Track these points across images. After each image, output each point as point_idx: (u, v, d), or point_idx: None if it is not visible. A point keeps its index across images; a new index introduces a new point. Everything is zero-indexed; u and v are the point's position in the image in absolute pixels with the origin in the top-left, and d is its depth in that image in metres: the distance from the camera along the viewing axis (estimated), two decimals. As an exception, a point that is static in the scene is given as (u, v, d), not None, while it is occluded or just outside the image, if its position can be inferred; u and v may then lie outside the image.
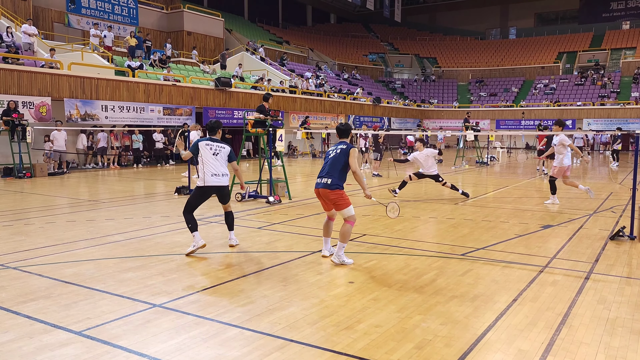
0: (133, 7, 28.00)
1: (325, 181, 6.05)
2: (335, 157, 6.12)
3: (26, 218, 9.23)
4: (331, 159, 6.14)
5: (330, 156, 6.18)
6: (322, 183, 6.09)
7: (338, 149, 6.17)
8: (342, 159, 6.08)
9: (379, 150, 17.74)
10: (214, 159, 6.71)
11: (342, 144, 6.24)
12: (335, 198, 6.02)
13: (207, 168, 6.67)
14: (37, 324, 4.25)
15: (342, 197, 6.02)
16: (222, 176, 6.75)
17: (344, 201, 6.03)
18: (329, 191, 6.01)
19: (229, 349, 3.81)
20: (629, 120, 37.90)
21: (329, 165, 6.13)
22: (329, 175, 6.05)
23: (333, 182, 6.00)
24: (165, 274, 5.73)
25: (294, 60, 42.67)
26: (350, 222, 6.06)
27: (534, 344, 3.92)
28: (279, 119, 11.53)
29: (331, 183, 6.00)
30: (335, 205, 6.08)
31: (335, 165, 6.06)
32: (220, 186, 6.76)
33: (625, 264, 6.26)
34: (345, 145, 6.18)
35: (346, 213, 6.05)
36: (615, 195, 12.66)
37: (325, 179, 6.06)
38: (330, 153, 6.23)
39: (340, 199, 6.02)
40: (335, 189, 6.00)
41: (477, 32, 58.15)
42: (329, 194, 6.03)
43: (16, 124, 15.96)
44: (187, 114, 23.36)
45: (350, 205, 6.07)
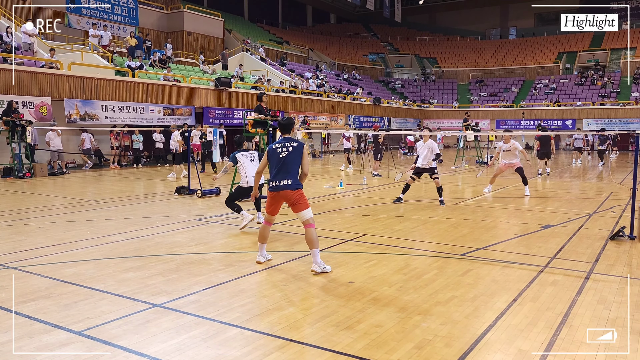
0: (133, 7, 27.99)
1: (285, 182, 5.80)
2: (289, 156, 5.85)
3: (26, 218, 9.23)
4: (284, 159, 5.84)
5: (282, 156, 5.85)
6: (280, 185, 5.80)
7: (289, 147, 5.88)
8: (297, 157, 5.87)
9: (379, 151, 17.74)
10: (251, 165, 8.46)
11: (290, 140, 5.95)
12: (297, 198, 5.81)
13: (248, 172, 8.38)
14: (37, 324, 4.25)
15: (303, 197, 5.85)
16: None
17: (304, 201, 5.84)
18: (291, 192, 5.78)
19: (229, 349, 3.81)
20: (628, 120, 37.91)
21: (285, 165, 5.83)
22: (289, 175, 5.81)
23: (293, 182, 5.81)
24: (165, 274, 5.73)
25: (294, 60, 42.67)
26: (312, 224, 5.82)
27: (534, 344, 3.92)
28: (279, 119, 11.53)
29: (292, 183, 5.79)
30: (296, 206, 5.83)
31: (291, 166, 5.84)
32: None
33: (625, 264, 6.26)
34: (297, 144, 5.93)
35: (306, 214, 5.82)
36: (615, 195, 12.66)
37: (284, 181, 5.80)
38: (280, 153, 5.87)
39: (302, 199, 5.83)
40: (297, 189, 5.82)
41: (477, 32, 58.15)
42: (291, 194, 5.79)
43: (16, 124, 15.96)
44: (187, 114, 23.36)
45: (309, 207, 5.89)
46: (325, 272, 5.78)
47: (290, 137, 6.07)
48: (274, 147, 5.96)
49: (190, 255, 6.61)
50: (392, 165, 20.72)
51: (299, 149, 5.90)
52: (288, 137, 6.05)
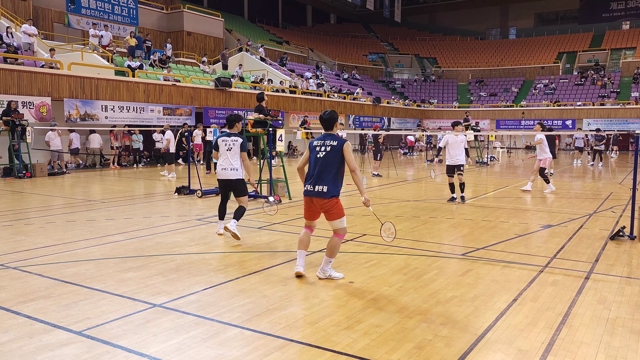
0: (133, 7, 28.00)
1: (320, 189, 5.23)
2: (327, 157, 5.28)
3: (26, 218, 9.23)
4: (321, 160, 5.29)
5: (320, 157, 5.30)
6: (315, 191, 5.27)
7: (327, 146, 5.30)
8: (335, 159, 5.25)
9: (379, 151, 17.75)
10: (225, 154, 7.17)
11: (330, 138, 5.38)
12: (330, 207, 5.27)
13: (219, 162, 7.19)
14: (37, 323, 4.25)
15: (337, 206, 5.29)
16: (230, 170, 6.96)
17: (338, 210, 5.30)
18: (324, 200, 5.25)
19: (229, 348, 3.81)
20: (628, 120, 37.91)
21: (319, 168, 5.27)
22: (323, 181, 5.24)
23: (329, 189, 5.21)
24: (165, 273, 5.73)
25: (294, 60, 42.66)
26: (341, 235, 5.38)
27: (534, 344, 3.92)
28: (279, 119, 11.54)
29: (327, 191, 5.21)
30: (328, 215, 5.32)
31: (329, 168, 5.24)
32: (228, 179, 7.03)
33: (626, 264, 6.26)
34: (336, 141, 5.30)
35: (338, 224, 5.34)
36: (615, 195, 12.66)
37: (319, 187, 5.24)
38: (318, 152, 5.34)
39: (335, 208, 5.28)
40: (332, 198, 5.24)
41: (477, 32, 58.17)
42: (324, 203, 5.27)
43: (16, 124, 15.96)
44: (187, 114, 23.36)
45: (344, 216, 5.37)
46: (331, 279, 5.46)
47: (332, 133, 5.46)
48: (314, 144, 5.43)
49: (190, 255, 6.60)
50: (392, 166, 20.71)
51: (338, 148, 5.26)
52: (329, 133, 5.47)
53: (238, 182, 7.19)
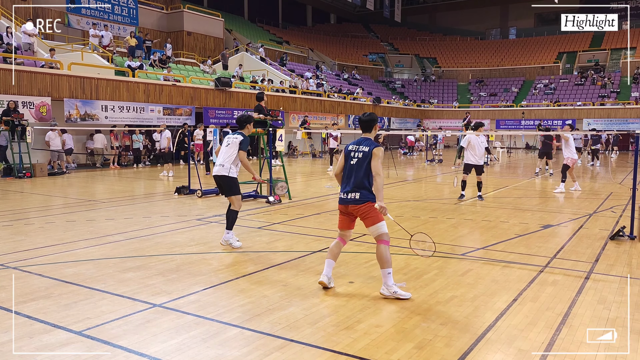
0: (133, 7, 28.00)
1: (353, 196, 5.04)
2: (359, 163, 5.07)
3: (26, 218, 9.23)
4: (355, 167, 5.09)
5: (353, 163, 5.12)
6: (348, 199, 5.08)
7: (360, 152, 5.09)
8: (368, 165, 5.03)
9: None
10: (222, 150, 6.98)
11: (365, 143, 5.14)
12: (366, 210, 5.02)
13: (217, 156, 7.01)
14: (37, 324, 4.25)
15: (372, 210, 5.01)
16: (221, 166, 6.82)
17: (376, 214, 5.01)
18: (357, 206, 5.05)
19: (229, 348, 3.81)
20: (628, 120, 37.91)
21: (353, 176, 5.09)
22: (356, 187, 5.05)
23: (362, 195, 5.03)
24: (165, 273, 5.73)
25: (294, 60, 42.65)
26: (384, 241, 5.01)
27: (534, 344, 3.92)
28: (278, 119, 11.54)
29: (359, 197, 5.03)
30: (365, 221, 5.07)
31: (360, 174, 5.05)
32: (214, 175, 6.91)
33: (626, 264, 6.26)
34: (368, 147, 5.09)
35: (378, 229, 5.03)
36: (615, 195, 12.66)
37: (352, 194, 5.05)
38: (352, 158, 5.15)
39: (370, 213, 5.01)
40: (366, 202, 5.03)
41: (477, 32, 58.14)
42: (357, 209, 5.07)
43: (16, 124, 15.96)
44: (187, 114, 23.36)
45: (382, 220, 5.04)
46: (400, 299, 4.93)
47: (368, 138, 5.20)
48: (349, 148, 5.21)
49: (190, 255, 6.60)
50: (392, 166, 20.70)
51: (368, 154, 5.04)
52: (366, 137, 5.22)
53: (222, 179, 6.87)
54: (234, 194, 6.90)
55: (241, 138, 6.98)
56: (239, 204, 6.91)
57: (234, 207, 6.91)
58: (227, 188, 6.90)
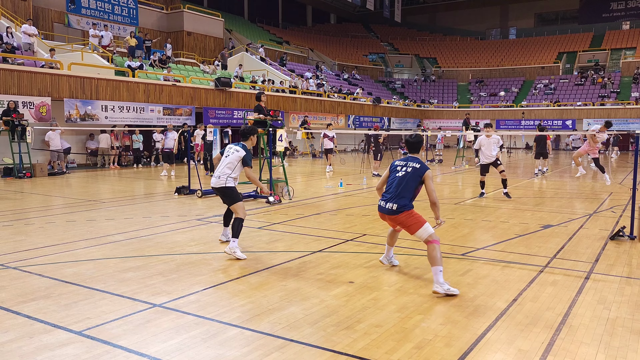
0: (133, 8, 28.00)
1: (390, 207, 5.30)
2: (406, 177, 5.35)
3: (26, 218, 9.23)
4: (400, 179, 5.38)
5: (399, 175, 5.40)
6: (386, 209, 5.35)
7: (409, 168, 5.38)
8: (414, 181, 5.33)
9: (379, 151, 17.75)
10: (222, 161, 6.89)
11: (414, 161, 5.45)
12: (404, 219, 5.27)
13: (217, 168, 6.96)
14: (37, 323, 4.25)
15: (411, 218, 5.25)
16: (217, 177, 6.72)
17: (415, 221, 5.24)
18: (394, 217, 5.33)
19: (229, 348, 3.81)
20: (628, 121, 37.91)
21: (395, 186, 5.36)
22: (397, 198, 5.29)
23: (399, 206, 5.26)
24: (165, 273, 5.73)
25: (294, 60, 42.66)
26: (432, 241, 5.17)
27: (534, 344, 3.92)
28: (279, 119, 11.55)
29: (396, 208, 5.27)
30: (407, 228, 5.31)
31: (406, 188, 5.31)
32: (213, 187, 6.82)
33: (625, 264, 6.26)
34: (419, 165, 5.36)
35: (422, 234, 5.23)
36: (615, 195, 12.66)
37: (391, 204, 5.30)
38: (399, 171, 5.43)
39: (410, 218, 5.25)
40: (403, 211, 5.26)
41: (477, 32, 58.15)
42: (395, 218, 5.35)
43: (16, 124, 15.96)
44: (187, 114, 23.36)
45: (425, 223, 5.25)
46: (450, 295, 5.00)
47: (416, 157, 5.56)
48: (396, 164, 5.59)
49: (190, 255, 6.61)
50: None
51: (420, 173, 5.35)
52: (414, 156, 5.56)
53: (221, 190, 6.75)
54: (235, 202, 6.75)
55: (243, 153, 6.79)
56: (243, 212, 6.72)
57: (237, 215, 6.70)
58: (228, 198, 6.80)
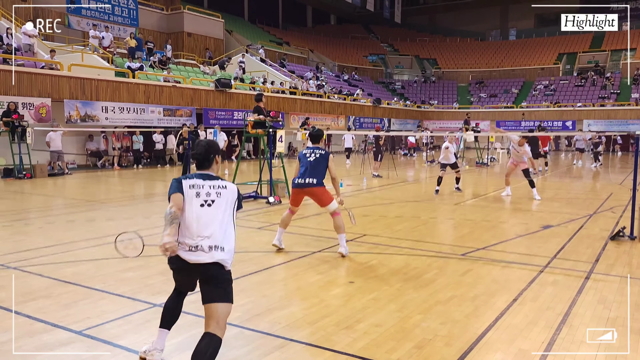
0: (133, 9, 28.01)
1: (310, 181, 6.55)
2: (317, 160, 6.66)
3: (26, 218, 9.23)
4: (314, 161, 6.64)
5: (310, 159, 6.65)
6: (306, 183, 6.57)
7: (317, 154, 6.69)
8: (324, 163, 6.66)
9: (379, 152, 17.75)
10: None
11: (318, 149, 6.76)
12: (320, 192, 6.58)
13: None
14: (37, 323, 4.25)
15: (326, 192, 6.61)
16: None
17: (328, 196, 6.60)
18: (315, 188, 6.55)
19: (229, 348, 3.81)
20: (629, 122, 37.90)
21: (311, 167, 6.61)
22: (313, 175, 6.57)
23: (318, 181, 6.57)
24: (166, 273, 5.71)
25: (294, 61, 42.66)
26: (338, 213, 6.59)
27: (534, 344, 3.92)
28: (279, 120, 11.55)
29: (317, 182, 6.56)
30: (320, 199, 6.61)
31: (318, 168, 6.61)
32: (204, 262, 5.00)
33: (626, 264, 6.26)
34: (324, 152, 6.75)
35: (332, 207, 6.58)
36: (615, 195, 12.65)
37: (310, 179, 6.56)
38: (309, 157, 6.68)
39: (325, 193, 6.60)
40: (321, 186, 6.59)
41: (477, 33, 58.13)
42: (315, 190, 6.57)
43: (16, 125, 15.97)
44: (187, 115, 23.36)
45: (333, 199, 6.61)
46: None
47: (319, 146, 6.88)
48: (304, 152, 6.88)
49: (190, 255, 6.59)
50: (392, 166, 20.70)
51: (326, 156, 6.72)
52: (317, 146, 6.85)
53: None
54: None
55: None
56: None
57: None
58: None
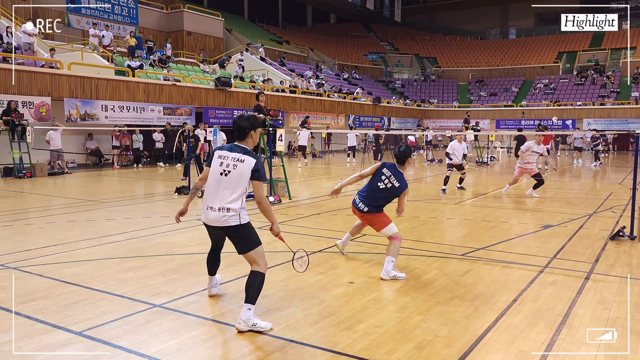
0: (133, 7, 27.98)
1: (362, 207, 5.94)
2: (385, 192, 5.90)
3: (26, 218, 9.23)
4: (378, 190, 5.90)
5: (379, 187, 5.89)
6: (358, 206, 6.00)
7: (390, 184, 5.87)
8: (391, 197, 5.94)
9: (379, 150, 17.75)
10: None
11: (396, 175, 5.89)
12: (371, 219, 5.92)
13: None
14: (37, 324, 4.25)
15: (377, 217, 5.89)
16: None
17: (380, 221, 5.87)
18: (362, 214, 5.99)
19: (229, 349, 3.81)
20: (628, 120, 37.90)
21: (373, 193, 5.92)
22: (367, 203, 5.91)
23: (369, 210, 5.89)
24: (166, 274, 5.73)
25: (294, 60, 42.65)
26: (397, 239, 5.80)
27: (534, 344, 3.92)
28: (279, 118, 11.55)
29: (368, 211, 5.91)
30: (373, 227, 5.97)
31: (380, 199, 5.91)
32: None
33: (626, 264, 6.26)
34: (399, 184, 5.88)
35: (387, 232, 5.85)
36: (615, 195, 12.65)
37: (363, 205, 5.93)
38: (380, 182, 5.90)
39: (376, 219, 5.89)
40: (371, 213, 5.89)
41: (477, 32, 58.10)
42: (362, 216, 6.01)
43: (16, 124, 15.96)
44: (187, 114, 23.36)
45: (390, 222, 5.85)
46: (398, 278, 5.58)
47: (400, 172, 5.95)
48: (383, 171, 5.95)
49: (190, 255, 6.61)
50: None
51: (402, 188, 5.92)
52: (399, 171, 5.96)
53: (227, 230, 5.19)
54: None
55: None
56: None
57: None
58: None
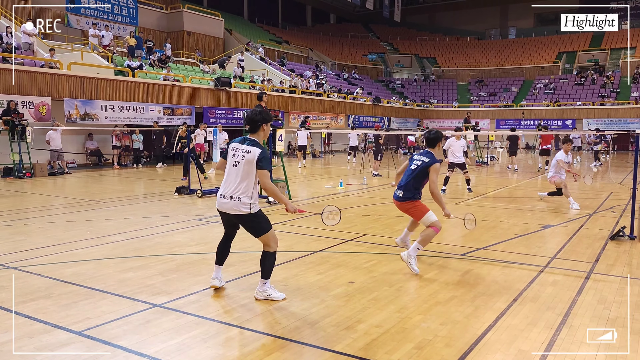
0: (133, 7, 27.98)
1: (399, 194, 6.02)
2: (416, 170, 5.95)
3: (26, 218, 9.22)
4: (410, 171, 6.01)
5: (411, 168, 6.02)
6: (396, 195, 6.08)
7: (420, 161, 5.97)
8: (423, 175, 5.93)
9: (379, 151, 17.75)
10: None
11: (426, 155, 5.99)
12: (409, 208, 5.97)
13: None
14: (37, 324, 4.25)
15: (415, 207, 5.93)
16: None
17: (418, 210, 5.91)
18: (399, 203, 6.03)
19: (229, 349, 3.82)
20: (628, 120, 37.91)
21: (406, 177, 6.03)
22: (404, 188, 5.98)
23: (405, 195, 5.94)
24: (165, 274, 5.73)
25: (294, 60, 42.65)
26: (434, 228, 5.85)
27: (534, 344, 3.92)
28: (279, 118, 11.55)
29: (403, 196, 5.96)
30: (412, 216, 6.05)
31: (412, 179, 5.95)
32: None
33: (626, 264, 6.26)
34: (429, 159, 5.91)
35: (425, 221, 5.89)
36: (615, 195, 12.65)
37: (399, 192, 6.03)
38: (412, 164, 6.05)
39: (414, 209, 5.94)
40: (408, 200, 5.94)
41: (477, 32, 58.13)
42: (400, 205, 6.04)
43: (16, 124, 15.96)
44: (187, 114, 23.35)
45: (428, 211, 5.88)
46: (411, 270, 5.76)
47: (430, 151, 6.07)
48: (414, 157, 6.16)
49: (190, 255, 6.60)
50: (392, 166, 20.70)
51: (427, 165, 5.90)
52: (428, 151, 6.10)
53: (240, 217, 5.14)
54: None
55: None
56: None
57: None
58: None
